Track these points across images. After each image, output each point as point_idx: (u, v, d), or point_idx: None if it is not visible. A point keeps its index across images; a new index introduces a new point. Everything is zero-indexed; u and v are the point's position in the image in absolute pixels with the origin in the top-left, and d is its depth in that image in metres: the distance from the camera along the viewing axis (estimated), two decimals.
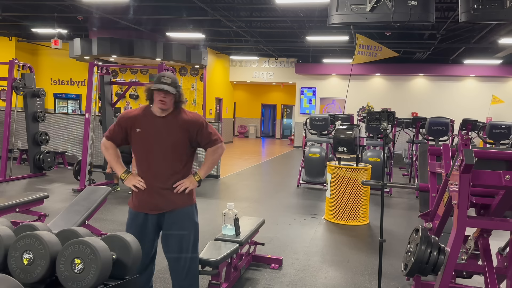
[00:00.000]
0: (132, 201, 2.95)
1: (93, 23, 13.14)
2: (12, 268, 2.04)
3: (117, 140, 2.95)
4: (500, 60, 14.97)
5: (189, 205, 2.93)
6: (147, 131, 2.85)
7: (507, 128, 8.79)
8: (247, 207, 6.98)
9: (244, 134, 23.44)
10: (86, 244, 1.99)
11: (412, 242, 2.72)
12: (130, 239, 2.23)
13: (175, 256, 2.90)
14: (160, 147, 2.83)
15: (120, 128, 2.91)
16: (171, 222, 2.87)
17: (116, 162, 2.96)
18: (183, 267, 2.90)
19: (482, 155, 2.70)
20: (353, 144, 6.70)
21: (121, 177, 2.92)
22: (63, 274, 1.99)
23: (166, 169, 2.84)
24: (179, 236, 2.88)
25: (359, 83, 17.53)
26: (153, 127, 2.85)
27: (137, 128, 2.86)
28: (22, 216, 5.17)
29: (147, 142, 2.85)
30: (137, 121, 2.88)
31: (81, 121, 10.28)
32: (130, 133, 2.89)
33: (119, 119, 2.95)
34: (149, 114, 2.88)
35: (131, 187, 2.89)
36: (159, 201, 2.85)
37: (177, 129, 2.85)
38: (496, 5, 5.26)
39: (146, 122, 2.86)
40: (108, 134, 2.96)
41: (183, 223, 2.89)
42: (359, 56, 10.29)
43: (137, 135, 2.86)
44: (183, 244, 2.89)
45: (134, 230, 2.84)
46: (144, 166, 2.89)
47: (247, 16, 12.12)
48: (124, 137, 2.92)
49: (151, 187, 2.84)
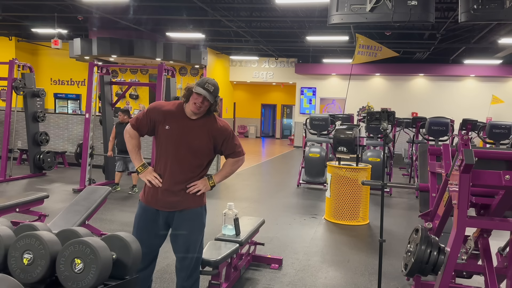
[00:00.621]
0: (144, 196, 2.92)
1: (93, 23, 13.14)
2: (12, 268, 2.04)
3: (143, 130, 2.89)
4: (500, 60, 14.98)
5: (199, 206, 2.96)
6: (176, 131, 2.82)
7: (507, 128, 8.79)
8: (247, 207, 6.98)
9: (244, 134, 23.44)
10: (86, 244, 1.99)
11: (412, 242, 2.72)
12: (130, 239, 2.23)
13: (182, 256, 2.92)
14: (184, 149, 2.81)
15: (149, 120, 2.85)
16: (181, 221, 2.88)
17: (137, 153, 2.91)
18: (188, 267, 2.92)
19: (482, 155, 2.70)
20: (353, 144, 6.71)
21: (138, 169, 2.88)
22: (63, 274, 1.98)
23: (184, 171, 2.84)
24: (187, 236, 2.90)
25: (359, 83, 17.53)
26: (182, 127, 2.82)
27: (167, 125, 2.82)
28: (22, 216, 5.17)
29: (173, 141, 2.82)
30: (168, 117, 2.84)
31: (81, 121, 10.28)
32: (158, 127, 2.84)
33: (150, 110, 2.87)
34: (181, 113, 2.85)
35: (146, 181, 2.86)
36: (172, 199, 2.84)
37: (205, 134, 2.84)
38: (496, 5, 5.26)
39: (177, 121, 2.83)
40: (135, 123, 2.87)
41: (193, 223, 2.92)
42: (359, 56, 10.28)
43: (165, 131, 2.83)
44: (191, 244, 2.91)
45: (143, 223, 2.87)
46: (162, 163, 2.86)
47: (247, 16, 12.12)
48: (151, 129, 2.87)
49: (166, 186, 2.83)
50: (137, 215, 2.96)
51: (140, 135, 2.93)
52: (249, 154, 15.24)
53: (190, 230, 2.90)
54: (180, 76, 17.38)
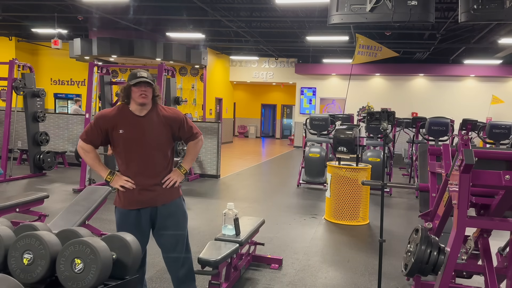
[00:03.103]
0: (120, 201, 2.91)
1: (93, 23, 13.15)
2: (12, 268, 2.04)
3: (97, 142, 2.87)
4: (500, 60, 14.98)
5: (178, 198, 3.01)
6: (131, 132, 2.83)
7: (507, 128, 8.79)
8: (247, 207, 6.98)
9: (244, 134, 23.44)
10: (86, 244, 1.99)
11: (412, 242, 2.72)
12: (130, 239, 2.23)
13: (173, 248, 2.97)
14: (146, 146, 2.84)
15: (99, 130, 2.84)
16: (166, 215, 2.93)
17: (99, 164, 2.91)
18: (179, 258, 3.00)
19: (482, 155, 2.70)
20: (353, 144, 6.71)
21: (107, 179, 2.87)
22: (63, 274, 1.99)
23: (154, 167, 2.88)
24: (175, 227, 2.97)
25: (359, 83, 17.53)
26: (136, 127, 2.83)
27: (120, 130, 2.82)
28: (22, 216, 5.17)
29: (132, 142, 2.83)
30: (118, 122, 2.83)
31: (81, 121, 10.29)
32: (112, 134, 2.84)
33: (97, 120, 2.86)
34: (129, 114, 2.85)
35: (119, 187, 2.86)
36: (151, 196, 2.88)
37: (160, 126, 2.88)
38: (496, 5, 5.26)
39: (128, 122, 2.83)
40: (86, 137, 2.86)
41: (177, 214, 2.98)
42: (359, 56, 10.29)
43: (120, 136, 2.82)
44: (179, 235, 2.99)
45: (127, 228, 2.81)
46: (131, 165, 2.87)
47: (247, 16, 12.12)
48: (104, 139, 2.87)
49: (141, 185, 2.85)
50: (118, 222, 2.95)
51: (95, 147, 2.91)
52: (249, 154, 15.25)
53: (176, 221, 2.98)
54: (180, 76, 17.38)
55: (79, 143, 2.90)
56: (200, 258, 3.26)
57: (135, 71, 2.86)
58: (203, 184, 8.86)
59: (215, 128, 9.56)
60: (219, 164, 9.63)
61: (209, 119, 16.86)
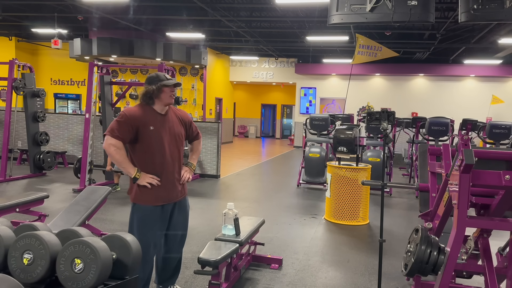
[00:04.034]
0: (144, 197, 3.00)
1: (93, 23, 13.15)
2: (12, 268, 2.04)
3: (127, 139, 2.96)
4: (500, 60, 14.98)
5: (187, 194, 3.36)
6: (159, 128, 3.01)
7: (507, 128, 8.79)
8: (247, 207, 6.98)
9: (244, 134, 23.44)
10: (86, 244, 1.99)
11: (412, 242, 2.72)
12: (130, 239, 2.23)
13: (178, 241, 3.30)
14: (170, 142, 3.06)
15: (130, 128, 2.93)
16: (180, 210, 3.22)
17: (128, 162, 2.99)
18: (182, 241, 3.36)
19: (482, 155, 2.70)
20: (353, 144, 6.70)
21: (136, 176, 2.95)
22: (63, 274, 1.99)
23: (176, 162, 3.12)
24: (184, 222, 3.32)
25: (359, 83, 17.53)
26: (162, 124, 3.04)
27: (150, 126, 2.97)
28: (22, 216, 5.17)
29: (160, 138, 3.00)
30: (147, 119, 2.99)
31: (81, 121, 10.29)
32: (142, 131, 2.96)
33: (128, 118, 2.95)
34: (154, 112, 3.04)
35: (146, 184, 2.96)
36: (176, 191, 3.14)
37: (179, 124, 3.17)
38: (496, 5, 5.26)
39: (156, 120, 3.02)
40: (118, 134, 2.93)
41: (186, 209, 3.32)
42: (359, 56, 10.29)
43: (151, 132, 2.97)
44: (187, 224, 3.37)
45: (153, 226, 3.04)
46: (157, 161, 3.01)
47: (247, 16, 12.12)
48: (134, 136, 2.96)
49: (168, 180, 3.05)
50: (141, 219, 3.02)
51: (125, 145, 3.01)
52: (249, 154, 15.25)
53: (186, 216, 3.33)
54: (180, 76, 17.38)
55: (110, 141, 2.91)
56: (200, 258, 3.26)
57: (160, 74, 3.06)
58: (203, 184, 8.86)
59: (215, 128, 9.56)
60: (219, 164, 9.63)
61: (209, 119, 16.87)
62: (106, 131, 2.96)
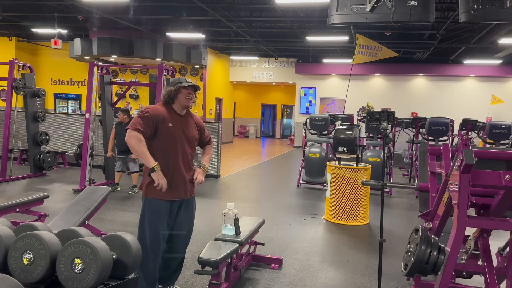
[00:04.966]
0: (157, 193, 3.12)
1: (93, 23, 13.15)
2: (12, 268, 2.04)
3: (148, 133, 3.12)
4: (500, 60, 14.98)
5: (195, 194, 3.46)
6: (177, 126, 3.21)
7: (507, 128, 8.79)
8: (247, 207, 6.99)
9: (244, 134, 23.44)
10: (86, 244, 1.99)
11: (412, 242, 2.72)
12: (130, 239, 2.23)
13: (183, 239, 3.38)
14: (185, 141, 3.24)
15: (152, 123, 3.11)
16: (186, 208, 3.33)
17: (148, 153, 3.11)
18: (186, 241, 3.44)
19: (482, 155, 2.70)
20: (353, 144, 6.70)
21: (155, 168, 3.07)
22: (63, 274, 1.99)
23: (188, 161, 3.29)
24: (190, 220, 3.41)
25: (359, 83, 17.53)
26: (180, 123, 3.24)
27: (169, 123, 3.16)
28: (22, 216, 5.17)
29: (177, 136, 3.19)
30: (167, 116, 3.18)
31: (81, 121, 10.29)
32: (161, 127, 3.14)
33: (150, 114, 3.12)
34: (173, 111, 3.25)
35: (156, 181, 3.07)
36: (186, 189, 3.27)
37: (194, 127, 3.37)
38: (496, 5, 5.26)
39: (174, 118, 3.22)
40: (141, 128, 3.08)
41: (193, 208, 3.43)
42: (359, 56, 10.29)
43: (169, 129, 3.16)
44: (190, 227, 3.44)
45: (162, 218, 3.16)
46: (172, 158, 3.18)
47: (247, 16, 12.13)
48: (153, 131, 3.13)
49: (180, 176, 3.20)
50: (151, 211, 3.18)
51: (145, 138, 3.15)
52: (249, 154, 15.25)
53: (192, 214, 3.43)
54: (180, 76, 17.37)
55: (133, 133, 3.07)
56: (200, 258, 3.26)
57: (181, 78, 3.28)
58: (203, 184, 8.82)
59: (215, 128, 9.56)
60: (219, 164, 9.63)
61: (209, 119, 16.86)
62: (129, 126, 3.11)
